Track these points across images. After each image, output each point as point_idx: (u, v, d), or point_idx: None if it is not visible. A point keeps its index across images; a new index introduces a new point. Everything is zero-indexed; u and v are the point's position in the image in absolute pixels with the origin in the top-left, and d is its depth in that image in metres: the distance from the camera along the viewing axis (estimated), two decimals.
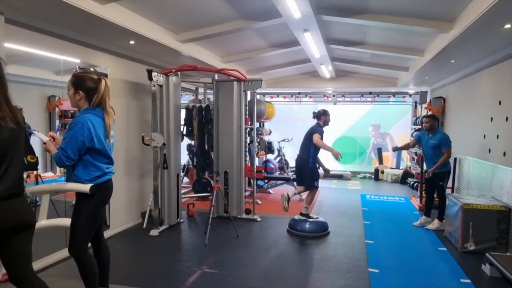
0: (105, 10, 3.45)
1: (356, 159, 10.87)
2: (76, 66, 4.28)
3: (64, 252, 3.82)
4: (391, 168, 10.18)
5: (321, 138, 4.88)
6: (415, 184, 8.06)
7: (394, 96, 9.69)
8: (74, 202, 4.77)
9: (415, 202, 6.78)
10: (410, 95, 9.68)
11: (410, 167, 9.10)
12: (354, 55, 6.84)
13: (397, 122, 10.58)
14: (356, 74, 8.78)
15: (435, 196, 5.27)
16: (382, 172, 9.92)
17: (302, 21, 4.15)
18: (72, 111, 8.54)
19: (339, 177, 9.85)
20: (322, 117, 5.03)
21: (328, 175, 5.20)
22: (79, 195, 2.40)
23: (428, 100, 8.47)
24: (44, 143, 2.42)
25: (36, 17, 3.47)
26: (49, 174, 7.03)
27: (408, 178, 8.94)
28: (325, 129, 5.03)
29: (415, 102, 9.71)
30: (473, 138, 5.64)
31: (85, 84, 2.40)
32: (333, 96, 9.78)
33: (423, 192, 6.01)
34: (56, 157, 2.27)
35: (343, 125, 10.66)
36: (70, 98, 2.46)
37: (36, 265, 3.58)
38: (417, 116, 9.28)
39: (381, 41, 5.66)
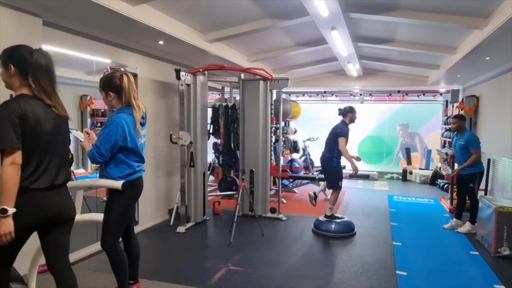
0: (136, 11, 3.54)
1: (383, 159, 10.65)
2: (108, 66, 4.41)
3: (95, 246, 3.97)
4: (420, 168, 9.91)
5: (347, 139, 4.79)
6: (446, 185, 7.81)
7: (423, 94, 9.41)
8: (104, 198, 4.94)
9: (445, 204, 6.58)
10: (440, 94, 9.37)
11: (440, 168, 8.82)
12: (383, 53, 6.70)
13: (426, 122, 10.28)
14: (384, 73, 8.60)
15: (466, 198, 5.10)
16: (411, 172, 9.67)
17: (329, 19, 4.10)
18: (102, 110, 8.83)
19: (366, 177, 9.68)
20: (348, 114, 4.93)
21: (355, 172, 4.99)
22: (111, 191, 2.48)
23: (460, 99, 8.18)
24: (81, 141, 2.52)
25: (71, 19, 3.61)
26: (81, 170, 7.30)
27: (438, 180, 8.68)
28: (351, 126, 4.94)
29: (446, 101, 9.39)
30: (508, 139, 5.41)
31: (112, 84, 2.49)
32: (360, 95, 9.62)
33: (454, 194, 5.82)
34: (90, 154, 2.36)
35: (370, 125, 10.48)
36: (104, 101, 2.55)
37: (70, 258, 3.73)
38: (448, 115, 8.99)
39: (411, 38, 5.52)
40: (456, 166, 5.35)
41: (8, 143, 1.78)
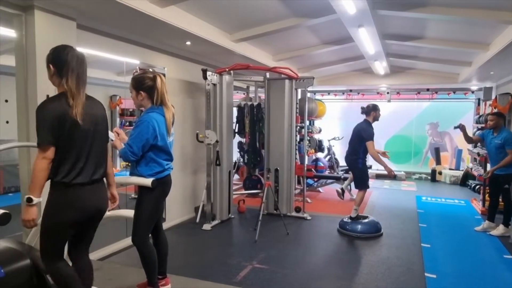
0: (165, 12, 3.62)
1: (411, 159, 10.40)
2: (137, 67, 4.53)
3: (125, 242, 4.09)
4: (450, 169, 9.61)
5: (373, 140, 4.69)
6: (477, 186, 7.54)
7: (454, 92, 9.10)
8: (133, 195, 5.07)
9: (477, 206, 6.36)
10: (472, 92, 9.03)
11: (471, 169, 8.52)
12: (411, 50, 6.54)
13: (457, 121, 9.93)
14: (413, 70, 8.39)
15: (500, 200, 4.91)
16: (440, 173, 9.40)
17: (357, 17, 4.05)
18: (131, 109, 9.07)
19: (393, 177, 9.46)
20: (371, 112, 4.80)
21: (391, 175, 4.87)
22: (141, 188, 2.56)
23: (493, 97, 7.86)
24: (112, 140, 2.61)
25: (103, 22, 3.73)
26: None
27: (469, 180, 8.38)
28: (375, 125, 4.83)
29: (478, 99, 9.04)
30: None
31: (144, 84, 2.55)
32: (387, 93, 9.42)
33: (486, 196, 5.62)
34: (123, 152, 2.45)
35: (397, 124, 10.24)
36: (134, 100, 2.62)
37: (101, 252, 3.88)
38: (480, 114, 8.66)
39: (442, 34, 5.36)
40: (489, 166, 5.15)
41: (43, 140, 1.90)
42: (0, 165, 6.35)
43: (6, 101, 6.69)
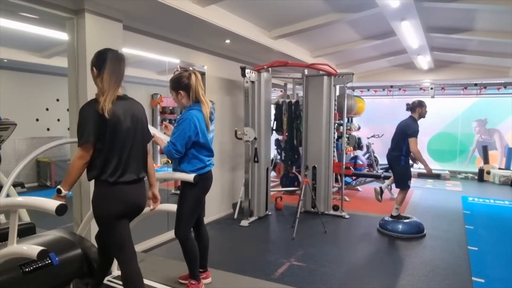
0: (205, 12, 3.70)
1: (456, 157, 9.91)
2: (177, 66, 4.65)
3: (166, 236, 4.24)
4: (500, 168, 9.06)
5: (416, 137, 4.54)
6: None
7: (505, 87, 8.53)
8: (173, 191, 5.22)
9: None
10: None
11: None
12: (458, 43, 6.24)
13: (508, 117, 9.36)
14: (459, 64, 8.00)
15: None
16: (488, 172, 8.89)
17: (399, 10, 3.93)
18: (171, 107, 9.33)
19: (436, 176, 9.09)
20: (417, 109, 4.64)
21: (429, 173, 4.71)
22: (184, 184, 2.64)
23: None
24: (152, 136, 2.71)
25: (147, 23, 3.87)
26: None
27: None
28: (420, 122, 4.66)
29: None
30: None
31: (181, 83, 2.62)
32: (431, 89, 9.00)
33: None
34: (166, 150, 2.54)
35: (442, 121, 9.80)
36: (175, 101, 2.70)
37: (144, 245, 4.04)
38: None
39: (492, 26, 5.06)
40: None
41: (84, 140, 1.97)
42: (52, 160, 6.78)
43: (57, 100, 7.14)
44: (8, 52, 5.41)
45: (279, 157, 7.40)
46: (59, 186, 2.00)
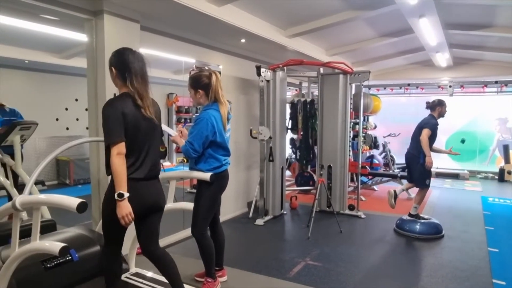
0: (221, 11, 3.71)
1: (475, 157, 9.69)
2: (193, 65, 4.69)
3: (182, 234, 4.28)
4: None
5: (434, 133, 4.47)
6: None
7: None
8: (188, 189, 5.27)
9: None
10: None
11: None
12: (478, 40, 6.10)
13: None
14: (479, 62, 7.82)
15: None
16: (509, 172, 8.65)
17: (418, 6, 3.86)
18: (186, 107, 9.40)
19: (455, 176, 8.91)
20: (437, 108, 4.58)
21: (428, 167, 4.58)
22: (200, 183, 2.66)
23: None
24: (171, 136, 2.74)
25: (163, 23, 3.92)
26: (167, 163, 7.93)
27: None
28: (439, 121, 4.60)
29: None
30: None
31: (201, 82, 2.64)
32: (449, 87, 8.83)
33: None
34: (184, 150, 2.56)
35: (460, 119, 9.59)
36: (193, 98, 2.73)
37: (160, 243, 4.04)
38: None
39: None
40: None
41: (115, 137, 1.99)
42: (71, 159, 6.93)
43: (76, 100, 7.29)
44: (30, 54, 5.56)
45: (294, 156, 7.38)
46: (119, 191, 1.97)
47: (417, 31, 4.93)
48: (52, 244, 1.92)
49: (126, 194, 1.99)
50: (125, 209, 1.99)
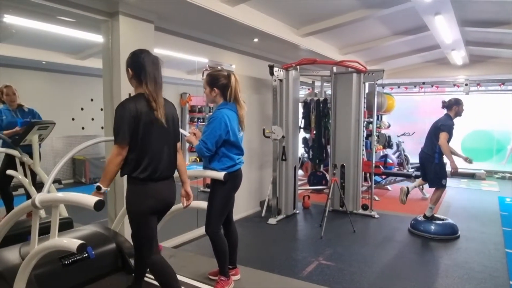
0: (234, 11, 3.72)
1: (492, 156, 9.49)
2: (206, 65, 4.72)
3: (196, 232, 4.32)
4: None
5: (450, 134, 4.40)
6: None
7: None
8: (201, 188, 5.32)
9: None
10: None
11: None
12: (495, 37, 5.96)
13: None
14: (496, 59, 7.64)
15: None
16: None
17: (433, 4, 3.81)
18: (199, 106, 9.46)
19: (471, 176, 8.75)
20: (453, 107, 4.50)
21: (455, 172, 4.55)
22: (214, 182, 2.68)
23: None
24: (185, 136, 2.77)
25: (177, 23, 3.95)
26: None
27: None
28: (455, 120, 4.52)
29: None
30: None
31: (219, 82, 2.66)
32: (465, 85, 8.67)
33: None
34: (198, 149, 2.58)
35: (476, 118, 9.40)
36: (207, 96, 2.74)
37: (175, 241, 4.13)
38: None
39: None
40: None
41: (120, 138, 2.04)
42: (87, 158, 7.05)
43: (92, 100, 7.40)
44: (47, 55, 5.66)
45: (306, 155, 7.36)
46: (98, 184, 2.06)
47: (433, 28, 4.86)
48: (70, 241, 1.96)
49: (104, 190, 2.06)
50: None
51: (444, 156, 4.54)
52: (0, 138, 3.70)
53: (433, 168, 4.57)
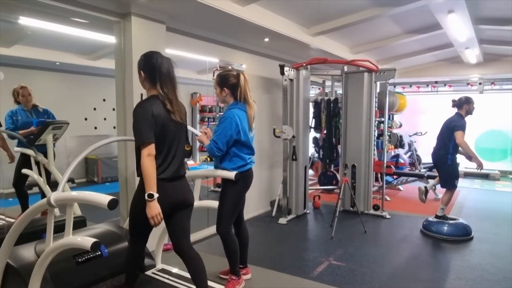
0: (245, 11, 3.73)
1: (507, 156, 9.33)
2: (217, 65, 4.74)
3: (207, 231, 4.34)
4: None
5: (464, 133, 4.35)
6: None
7: None
8: (212, 188, 5.34)
9: None
10: None
11: None
12: (509, 35, 5.84)
13: None
14: (511, 58, 7.50)
15: None
16: None
17: (446, 2, 3.76)
18: (210, 106, 9.50)
19: (485, 176, 8.61)
20: (464, 106, 4.44)
21: (481, 167, 4.46)
22: (225, 181, 2.70)
23: None
24: (197, 135, 2.79)
25: (188, 24, 3.97)
26: (191, 162, 8.04)
27: None
28: (467, 119, 4.45)
29: None
30: None
31: (228, 81, 2.68)
32: (479, 84, 8.54)
33: None
34: (209, 148, 2.60)
35: (490, 117, 9.25)
36: (218, 96, 2.76)
37: None
38: None
39: None
40: None
41: (145, 138, 2.05)
42: (99, 158, 7.14)
43: (104, 100, 7.49)
44: (60, 56, 5.75)
45: (317, 155, 7.33)
46: (149, 192, 2.03)
47: (446, 27, 4.79)
48: (84, 239, 1.99)
49: (156, 195, 2.04)
50: (154, 209, 2.05)
51: (457, 157, 4.49)
52: (15, 137, 3.77)
53: (446, 169, 4.51)
